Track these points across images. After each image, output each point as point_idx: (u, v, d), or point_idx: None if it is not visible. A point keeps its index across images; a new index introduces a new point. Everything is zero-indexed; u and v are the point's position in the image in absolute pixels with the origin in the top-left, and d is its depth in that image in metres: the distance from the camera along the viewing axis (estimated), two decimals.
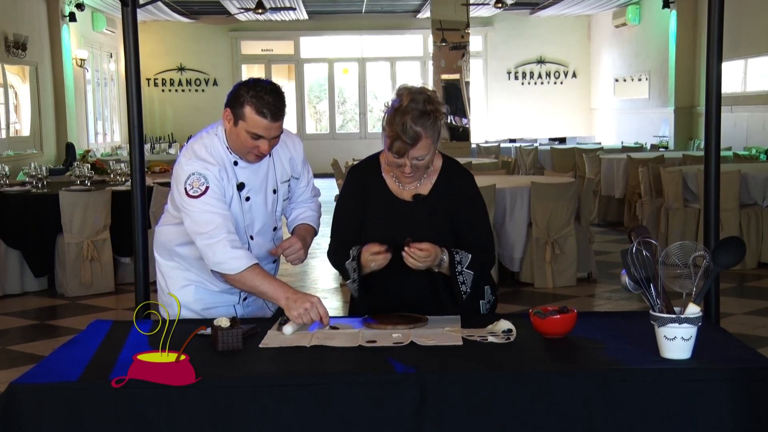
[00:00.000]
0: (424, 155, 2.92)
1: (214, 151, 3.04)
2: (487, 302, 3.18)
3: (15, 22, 12.95)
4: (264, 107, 2.92)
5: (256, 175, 3.11)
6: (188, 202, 2.95)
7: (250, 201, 3.09)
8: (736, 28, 12.69)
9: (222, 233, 2.90)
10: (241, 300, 3.23)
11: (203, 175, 2.96)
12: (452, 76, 14.70)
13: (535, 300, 7.26)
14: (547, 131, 18.56)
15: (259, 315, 3.25)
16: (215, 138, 3.07)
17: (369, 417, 2.34)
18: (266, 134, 2.96)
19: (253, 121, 2.93)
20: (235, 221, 3.03)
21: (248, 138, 2.96)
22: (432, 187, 3.07)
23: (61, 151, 14.33)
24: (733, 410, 2.35)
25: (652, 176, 9.42)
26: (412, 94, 2.90)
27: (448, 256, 2.94)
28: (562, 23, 19.56)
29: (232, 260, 2.90)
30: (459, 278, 2.95)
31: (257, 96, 2.92)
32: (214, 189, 2.95)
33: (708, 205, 3.15)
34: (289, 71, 20.49)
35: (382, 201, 3.08)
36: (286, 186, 3.24)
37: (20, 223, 7.65)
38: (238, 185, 3.06)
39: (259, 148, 2.98)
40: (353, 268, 3.02)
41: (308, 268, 9.09)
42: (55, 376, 2.41)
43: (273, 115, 2.93)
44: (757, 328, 6.31)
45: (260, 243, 3.16)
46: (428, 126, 2.88)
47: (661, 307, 2.51)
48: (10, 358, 5.88)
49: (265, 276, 2.92)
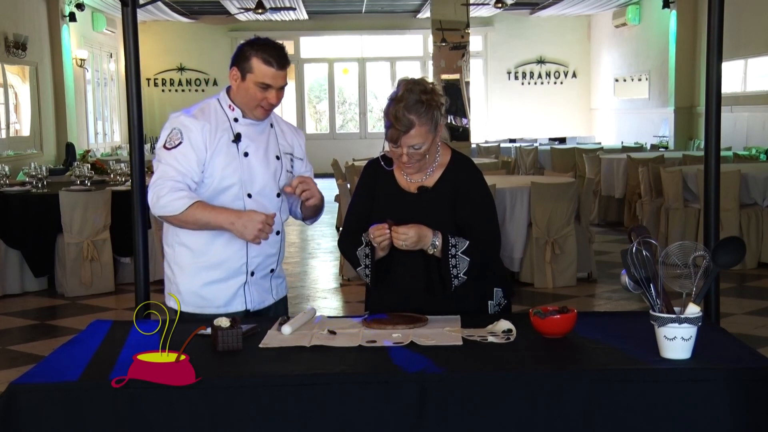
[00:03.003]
0: (420, 144, 2.98)
1: (207, 110, 3.13)
2: (497, 304, 3.18)
3: (15, 22, 12.95)
4: (270, 57, 3.07)
5: (256, 133, 3.17)
6: (161, 152, 3.08)
7: (249, 157, 3.12)
8: (736, 28, 12.69)
9: (168, 182, 2.99)
10: (248, 278, 3.18)
11: (181, 131, 3.06)
12: (452, 76, 14.69)
13: (535, 300, 7.26)
14: (547, 131, 18.56)
15: (264, 300, 3.24)
16: (212, 101, 3.19)
17: (369, 417, 2.34)
18: (274, 83, 3.08)
19: (261, 71, 3.06)
20: (233, 175, 3.09)
21: (257, 90, 3.07)
22: (437, 180, 3.12)
23: (61, 151, 14.33)
24: (733, 410, 2.34)
25: (652, 176, 9.42)
26: (409, 84, 3.00)
27: (442, 239, 2.97)
28: (562, 23, 19.56)
29: (174, 201, 2.97)
30: (451, 261, 2.99)
31: (262, 48, 3.08)
32: (186, 144, 3.04)
33: (708, 205, 3.15)
34: (289, 71, 20.47)
35: (389, 193, 3.15)
36: (289, 159, 3.27)
37: (20, 223, 7.66)
38: (236, 135, 3.11)
39: (267, 99, 3.09)
40: (365, 254, 3.08)
41: (308, 268, 9.09)
42: (55, 376, 2.41)
43: (279, 63, 3.08)
44: (757, 328, 6.31)
45: (260, 204, 3.13)
46: (422, 113, 2.95)
47: (661, 307, 2.51)
48: (10, 358, 5.88)
49: (207, 207, 3.00)
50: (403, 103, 2.95)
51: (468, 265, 3.00)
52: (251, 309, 3.20)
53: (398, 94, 2.98)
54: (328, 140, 20.01)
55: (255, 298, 3.21)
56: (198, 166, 3.05)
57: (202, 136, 3.06)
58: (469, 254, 3.00)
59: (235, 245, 3.12)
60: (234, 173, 3.10)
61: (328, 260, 9.24)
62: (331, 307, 7.29)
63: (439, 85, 3.09)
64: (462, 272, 3.00)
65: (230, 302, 3.16)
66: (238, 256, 3.13)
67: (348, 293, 7.69)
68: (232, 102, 3.15)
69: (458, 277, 3.01)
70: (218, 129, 3.10)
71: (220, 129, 3.10)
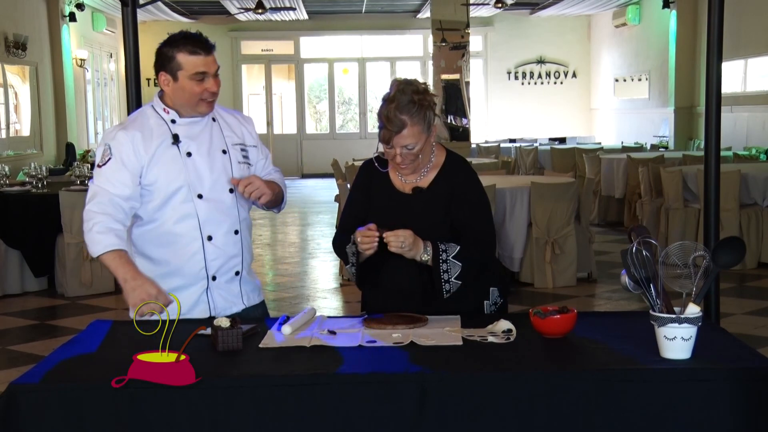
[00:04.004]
0: (413, 144, 2.97)
1: (139, 119, 3.08)
2: (493, 303, 3.18)
3: (15, 22, 12.95)
4: (194, 46, 2.99)
5: (196, 131, 3.09)
6: (95, 171, 3.04)
7: (192, 157, 3.05)
8: (736, 28, 12.69)
9: (97, 216, 2.93)
10: (210, 283, 3.11)
11: (110, 146, 3.01)
12: (452, 76, 14.70)
13: (535, 300, 7.26)
14: (547, 131, 18.56)
15: (231, 305, 3.16)
16: (146, 108, 3.12)
17: (369, 417, 2.34)
18: (208, 69, 3.01)
19: (191, 63, 2.99)
20: (178, 178, 3.02)
21: (194, 84, 3.01)
22: (432, 180, 3.11)
23: (61, 151, 14.33)
24: (733, 410, 2.35)
25: (652, 176, 9.42)
26: (401, 85, 3.00)
27: (432, 247, 2.96)
28: (562, 23, 19.56)
29: (93, 244, 2.92)
30: (442, 266, 2.97)
31: (182, 42, 3.00)
32: (116, 160, 2.99)
33: (708, 205, 3.15)
34: (289, 71, 20.49)
35: (384, 193, 3.14)
36: (239, 150, 3.17)
37: (20, 223, 7.66)
38: (174, 136, 3.05)
39: (207, 89, 3.02)
40: (352, 252, 3.07)
41: (308, 268, 9.10)
42: (55, 376, 2.41)
43: (205, 49, 3.01)
44: (757, 328, 6.31)
45: (213, 204, 3.06)
46: (414, 113, 2.94)
47: (661, 307, 2.51)
48: (10, 358, 5.88)
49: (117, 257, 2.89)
50: (395, 103, 2.95)
51: (460, 270, 2.99)
52: (216, 316, 3.08)
53: (390, 95, 2.98)
54: (328, 140, 20.01)
55: (220, 305, 3.13)
56: (132, 179, 2.99)
57: (133, 147, 2.99)
58: (461, 258, 2.98)
59: (190, 249, 3.05)
60: (179, 176, 3.03)
61: (328, 260, 9.24)
62: (331, 307, 7.30)
63: (434, 85, 3.07)
64: (454, 277, 2.99)
65: (192, 309, 3.07)
66: (195, 261, 3.05)
67: (348, 293, 7.68)
68: (165, 105, 3.08)
69: (450, 282, 2.99)
70: (153, 135, 3.03)
71: (156, 134, 3.03)
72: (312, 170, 19.30)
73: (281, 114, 20.75)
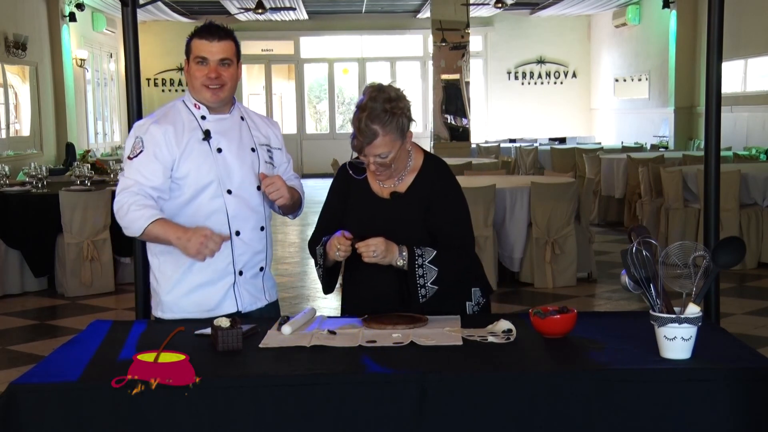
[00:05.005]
0: (386, 153, 2.94)
1: (170, 113, 3.10)
2: (475, 304, 3.15)
3: (15, 22, 12.95)
4: (203, 31, 3.05)
5: (226, 127, 3.12)
6: (125, 163, 3.05)
7: (223, 153, 3.07)
8: (736, 28, 12.69)
9: (130, 198, 2.94)
10: (237, 278, 3.13)
11: (142, 139, 3.02)
12: (452, 76, 14.71)
13: (535, 300, 7.26)
14: (547, 131, 18.56)
15: (256, 301, 3.19)
16: (177, 102, 3.15)
17: (369, 417, 2.34)
18: (209, 55, 3.02)
19: (197, 47, 3.05)
20: (209, 173, 3.04)
21: (196, 68, 3.05)
22: (410, 185, 3.09)
23: (61, 151, 14.33)
24: (733, 410, 2.35)
25: (652, 176, 9.43)
26: (373, 92, 2.95)
27: (408, 252, 2.94)
28: (562, 23, 19.56)
29: (134, 222, 2.93)
30: (418, 271, 2.94)
31: (198, 30, 3.08)
32: (148, 152, 3.00)
33: (708, 205, 3.15)
34: (289, 71, 20.50)
35: (361, 198, 3.12)
36: (266, 151, 3.20)
37: (20, 223, 7.66)
38: (205, 132, 3.06)
39: (207, 75, 3.03)
40: (320, 254, 3.07)
41: (308, 269, 9.09)
42: (55, 376, 2.41)
43: (211, 33, 3.04)
44: (757, 328, 6.31)
45: (241, 200, 3.09)
46: (386, 122, 2.91)
47: (661, 307, 2.51)
48: (10, 358, 5.88)
49: (161, 224, 2.91)
50: (366, 112, 2.90)
51: (436, 275, 2.95)
52: (242, 311, 3.12)
53: (362, 103, 2.94)
54: (328, 140, 20.02)
55: (246, 300, 3.15)
56: (163, 172, 3.00)
57: (165, 141, 3.01)
58: (437, 263, 2.95)
59: None
60: (210, 171, 3.04)
61: None
62: (331, 307, 7.29)
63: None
64: (429, 282, 2.95)
65: (220, 305, 3.09)
66: (223, 255, 3.04)
67: None
68: (196, 101, 3.11)
69: (426, 287, 2.95)
70: (185, 130, 3.05)
71: (187, 129, 3.05)
72: (312, 170, 19.29)
73: (281, 114, 20.75)
